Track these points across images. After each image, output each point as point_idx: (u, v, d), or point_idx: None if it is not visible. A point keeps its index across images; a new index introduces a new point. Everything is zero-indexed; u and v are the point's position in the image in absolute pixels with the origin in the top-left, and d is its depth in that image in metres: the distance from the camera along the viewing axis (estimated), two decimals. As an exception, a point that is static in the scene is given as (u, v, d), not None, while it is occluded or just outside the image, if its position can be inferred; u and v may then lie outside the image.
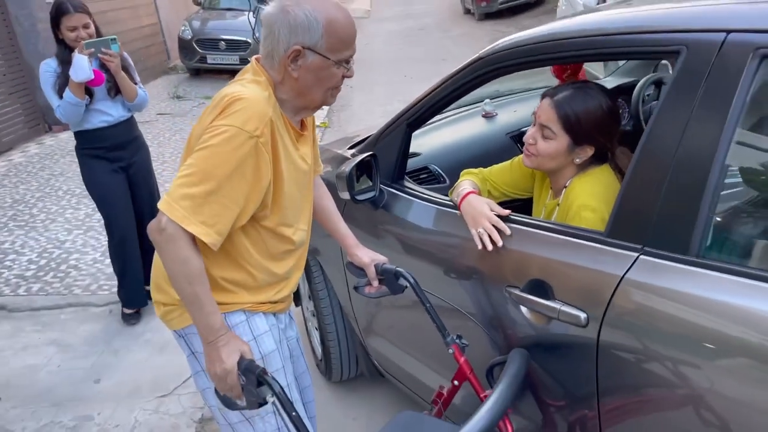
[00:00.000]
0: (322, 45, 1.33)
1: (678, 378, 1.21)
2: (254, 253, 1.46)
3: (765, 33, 1.13)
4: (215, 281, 1.42)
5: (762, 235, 1.22)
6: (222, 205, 1.30)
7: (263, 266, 1.48)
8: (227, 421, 1.56)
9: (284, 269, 1.52)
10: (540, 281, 1.44)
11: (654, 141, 1.26)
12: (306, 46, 1.33)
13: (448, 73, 1.81)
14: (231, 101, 1.31)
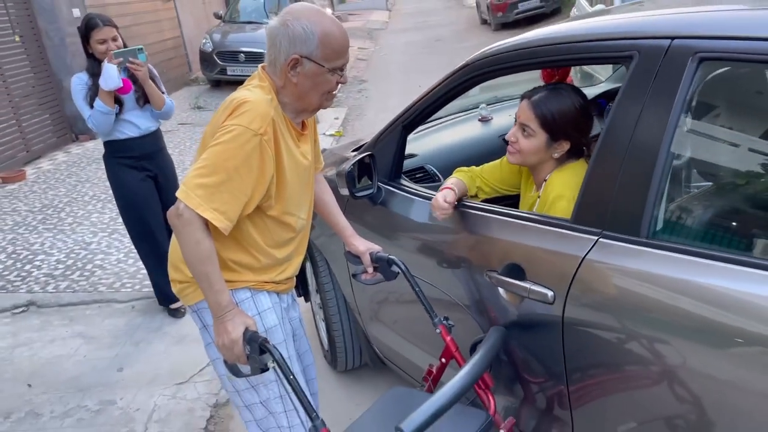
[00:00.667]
0: (318, 54, 1.51)
1: (633, 347, 1.35)
2: (259, 240, 1.63)
3: (703, 39, 1.28)
4: (224, 262, 1.59)
5: (702, 217, 1.36)
6: (232, 194, 1.48)
7: (266, 251, 1.65)
8: (235, 388, 1.73)
9: (285, 254, 1.70)
10: (515, 265, 1.59)
11: (611, 136, 1.42)
12: (303, 55, 1.51)
13: (439, 79, 1.98)
14: (238, 104, 1.50)
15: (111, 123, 3.04)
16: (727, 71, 1.37)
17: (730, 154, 1.42)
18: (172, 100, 3.26)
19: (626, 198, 1.38)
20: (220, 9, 13.03)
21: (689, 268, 1.25)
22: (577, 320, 1.46)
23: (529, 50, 1.67)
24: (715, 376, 1.20)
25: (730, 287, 1.18)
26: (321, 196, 1.91)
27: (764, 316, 1.13)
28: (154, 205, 3.33)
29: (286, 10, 1.56)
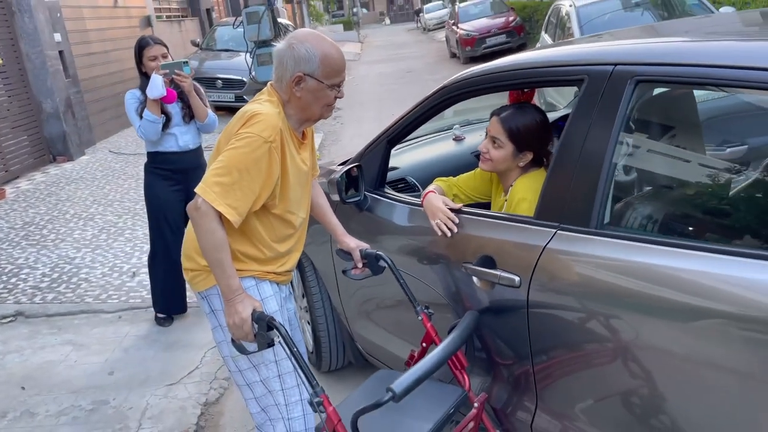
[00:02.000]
0: (319, 73, 1.77)
1: (587, 324, 1.61)
2: (264, 234, 1.86)
3: (639, 65, 1.57)
4: (233, 253, 1.81)
5: (640, 211, 1.65)
6: (243, 192, 1.71)
7: (270, 245, 1.88)
8: (238, 368, 1.93)
9: (286, 248, 1.93)
10: (487, 256, 1.85)
11: (565, 147, 1.70)
12: (306, 73, 1.77)
13: (419, 100, 2.25)
14: (252, 115, 1.74)
15: (158, 132, 3.25)
16: (660, 92, 1.66)
17: (661, 161, 1.71)
18: (216, 114, 3.47)
19: (578, 197, 1.65)
20: (197, 37, 13.29)
21: (630, 251, 1.52)
22: (539, 302, 1.71)
23: (497, 74, 1.96)
24: (657, 344, 1.46)
25: (663, 264, 1.44)
26: (316, 199, 2.15)
27: (689, 287, 1.39)
28: (176, 218, 3.45)
29: (292, 35, 1.82)
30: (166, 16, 13.43)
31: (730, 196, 1.59)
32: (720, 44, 1.55)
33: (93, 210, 5.90)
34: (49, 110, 7.83)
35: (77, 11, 9.06)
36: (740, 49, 1.47)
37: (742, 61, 1.39)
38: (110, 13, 10.22)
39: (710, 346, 1.35)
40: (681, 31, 1.82)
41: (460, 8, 17.93)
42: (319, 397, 1.64)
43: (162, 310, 3.63)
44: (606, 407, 1.65)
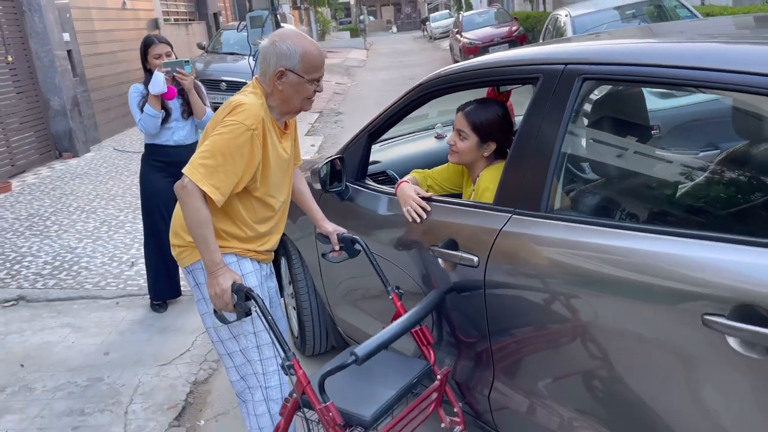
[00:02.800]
0: (299, 68, 1.93)
1: (537, 300, 1.77)
2: (245, 215, 2.02)
3: (585, 65, 1.73)
4: (217, 231, 1.97)
5: (584, 196, 1.80)
6: (226, 174, 1.87)
7: (251, 225, 2.04)
8: (219, 338, 2.09)
9: (266, 229, 2.09)
10: (451, 239, 2.01)
11: (521, 139, 1.86)
12: (288, 68, 1.93)
13: (398, 96, 2.42)
14: (236, 105, 1.91)
15: (157, 126, 3.44)
16: (607, 89, 1.82)
17: (605, 152, 1.87)
18: (213, 112, 3.64)
19: (531, 185, 1.81)
20: (204, 40, 13.52)
21: (575, 232, 1.67)
22: (495, 281, 1.87)
23: (467, 73, 2.12)
24: (598, 316, 1.60)
25: (604, 243, 1.59)
26: (298, 186, 2.32)
27: (624, 263, 1.54)
28: (168, 207, 3.57)
29: (275, 33, 1.99)
30: (174, 19, 13.68)
31: (664, 183, 1.74)
32: (659, 46, 1.71)
33: (96, 204, 6.08)
34: (57, 107, 8.03)
35: (86, 12, 9.29)
36: (675, 50, 1.63)
37: (674, 61, 1.54)
38: (118, 15, 10.45)
39: (639, 316, 1.50)
40: (635, 35, 1.98)
41: (465, 17, 18.13)
42: (290, 361, 1.80)
43: (156, 295, 3.79)
44: (555, 378, 1.80)
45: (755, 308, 1.24)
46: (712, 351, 1.32)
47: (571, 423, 1.74)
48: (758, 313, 1.24)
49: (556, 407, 1.79)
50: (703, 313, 1.32)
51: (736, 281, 1.29)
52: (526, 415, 1.89)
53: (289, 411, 1.89)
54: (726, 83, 1.39)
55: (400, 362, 2.10)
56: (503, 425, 2.04)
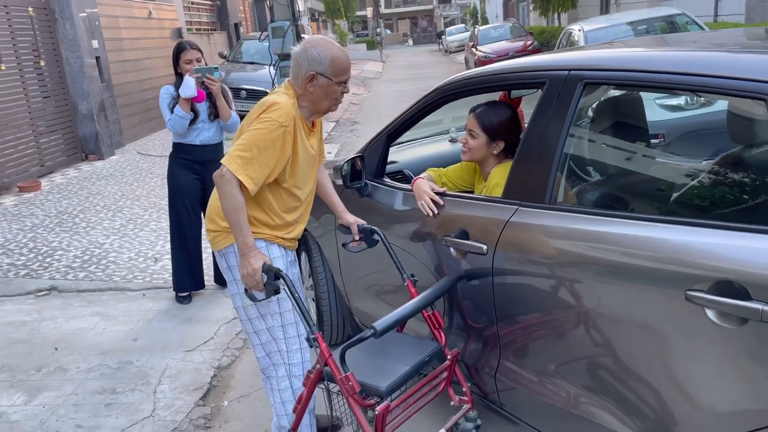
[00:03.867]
0: (329, 71, 2.13)
1: (541, 283, 1.94)
2: (275, 204, 2.22)
3: (586, 71, 1.91)
4: (249, 218, 2.16)
5: (584, 189, 1.98)
6: (260, 166, 2.07)
7: (279, 214, 2.23)
8: (248, 317, 2.28)
9: (293, 218, 2.28)
10: (463, 230, 2.19)
11: (528, 138, 2.04)
12: (318, 72, 2.13)
13: (416, 100, 2.61)
14: (272, 104, 2.11)
15: (185, 127, 3.66)
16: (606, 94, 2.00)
17: (603, 150, 2.04)
18: (238, 116, 3.86)
19: (536, 180, 1.98)
20: (225, 50, 13.86)
21: (574, 221, 1.85)
22: (502, 267, 2.04)
23: (480, 78, 2.31)
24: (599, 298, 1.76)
25: (600, 230, 1.76)
26: (322, 181, 2.51)
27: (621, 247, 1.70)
28: (193, 203, 3.87)
29: (307, 40, 2.19)
30: (196, 29, 14.04)
31: (654, 178, 1.91)
32: (652, 54, 1.88)
33: (121, 203, 6.33)
34: (84, 111, 8.33)
35: (114, 21, 9.63)
36: (666, 57, 1.80)
37: (665, 67, 1.72)
38: (144, 24, 10.79)
39: (631, 294, 1.66)
40: (635, 45, 2.16)
41: (480, 31, 18.39)
42: (314, 335, 1.98)
43: (180, 287, 3.99)
44: (556, 357, 1.97)
45: (731, 284, 1.41)
46: (693, 323, 1.49)
47: (573, 397, 1.90)
48: (733, 288, 1.40)
49: (558, 384, 1.95)
50: (686, 290, 1.48)
51: (715, 260, 1.46)
52: (530, 392, 2.06)
53: (311, 382, 2.07)
54: (708, 87, 1.57)
55: (413, 343, 2.27)
56: (508, 403, 2.20)
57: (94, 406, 2.94)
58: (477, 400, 2.30)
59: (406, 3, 67.23)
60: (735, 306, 1.39)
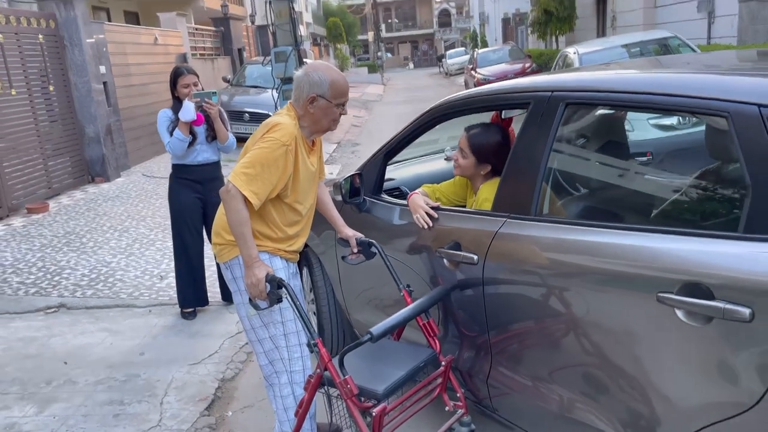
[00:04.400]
0: (328, 94, 2.28)
1: (527, 291, 2.06)
2: (277, 218, 2.35)
3: (568, 92, 2.06)
4: (253, 231, 2.29)
5: (566, 203, 2.10)
6: (263, 182, 2.20)
7: (281, 227, 2.36)
8: (251, 326, 2.39)
9: (294, 231, 2.41)
10: (456, 242, 2.31)
11: (514, 155, 2.18)
12: (318, 94, 2.28)
13: (412, 120, 2.75)
14: (275, 124, 2.26)
15: (184, 149, 3.80)
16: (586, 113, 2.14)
17: (583, 165, 2.17)
18: (235, 138, 4.02)
19: (522, 194, 2.11)
20: (228, 74, 14.13)
21: (558, 231, 1.97)
22: (492, 276, 2.16)
23: (470, 99, 2.46)
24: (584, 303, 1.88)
25: (580, 239, 1.88)
26: (322, 197, 2.65)
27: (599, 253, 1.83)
28: (195, 221, 4.00)
29: (308, 65, 2.35)
30: (200, 54, 14.33)
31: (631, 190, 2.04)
32: (624, 76, 2.03)
33: (127, 224, 6.47)
34: (91, 135, 8.52)
35: (121, 47, 9.88)
36: (636, 79, 1.95)
37: (639, 88, 1.86)
38: (150, 50, 11.05)
39: (609, 298, 1.78)
40: (616, 68, 2.31)
41: (479, 54, 18.67)
42: (315, 340, 2.10)
43: (184, 303, 4.11)
44: (542, 362, 2.08)
45: (698, 285, 1.53)
46: (665, 323, 1.60)
47: (561, 400, 2.00)
48: (700, 289, 1.52)
49: (547, 388, 2.06)
50: (658, 292, 1.60)
51: (683, 265, 1.58)
52: (520, 397, 2.17)
53: (312, 386, 2.18)
54: (678, 105, 1.71)
55: (409, 350, 2.38)
56: (501, 408, 2.31)
57: (102, 417, 3.04)
58: (471, 406, 2.40)
59: (407, 27, 68.17)
60: (701, 305, 1.51)
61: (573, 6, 19.56)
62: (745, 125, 1.53)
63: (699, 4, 11.32)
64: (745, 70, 1.93)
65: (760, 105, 1.51)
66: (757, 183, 1.49)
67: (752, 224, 1.49)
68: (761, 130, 1.50)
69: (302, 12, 34.42)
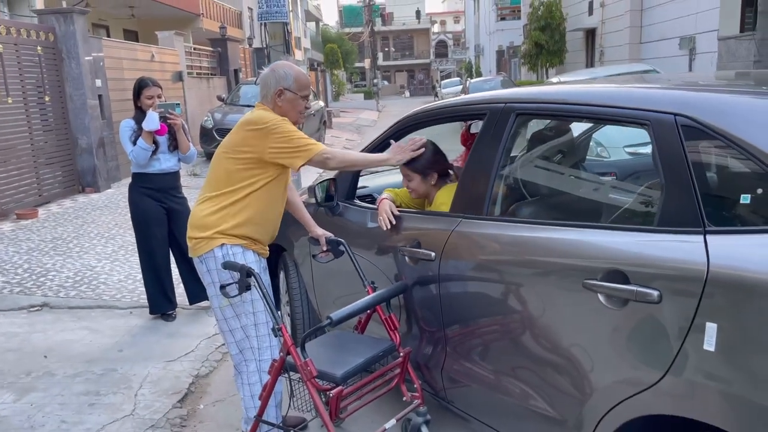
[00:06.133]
0: (294, 86, 2.47)
1: (478, 284, 2.23)
2: (256, 216, 2.50)
3: (518, 103, 2.25)
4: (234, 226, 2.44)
5: (515, 203, 2.29)
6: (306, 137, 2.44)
7: (259, 223, 2.52)
8: (224, 316, 2.54)
9: (268, 223, 2.56)
10: (416, 240, 2.49)
11: (471, 160, 2.37)
12: (285, 87, 2.47)
13: (385, 129, 2.95)
14: (260, 116, 2.44)
15: (147, 158, 3.95)
16: (535, 123, 2.34)
17: (531, 169, 2.36)
18: (195, 149, 4.19)
19: (476, 196, 2.30)
20: (224, 93, 14.39)
21: (505, 228, 2.15)
22: (446, 273, 2.33)
23: (438, 111, 2.66)
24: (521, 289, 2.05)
25: (523, 234, 2.06)
26: (293, 199, 2.82)
27: (544, 249, 2.00)
28: (159, 229, 4.14)
29: (273, 64, 2.56)
30: (197, 73, 14.60)
31: (569, 192, 2.23)
32: (568, 89, 2.23)
33: (114, 231, 6.61)
34: (84, 146, 8.69)
35: (118, 62, 10.11)
36: (579, 92, 2.15)
37: (576, 100, 2.06)
38: (147, 66, 11.29)
39: (544, 286, 1.95)
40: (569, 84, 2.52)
41: (471, 83, 19.11)
42: (279, 325, 2.25)
43: (154, 309, 4.24)
44: (492, 352, 2.24)
45: (618, 272, 1.71)
46: (589, 307, 1.77)
47: (507, 389, 2.15)
48: (619, 275, 1.70)
49: (497, 378, 2.21)
50: (584, 279, 1.78)
51: (606, 254, 1.76)
52: (472, 388, 2.31)
53: (276, 369, 2.33)
54: (607, 115, 1.91)
55: (370, 341, 2.53)
56: (455, 399, 2.45)
57: (78, 406, 3.15)
58: (428, 398, 2.54)
59: (404, 56, 69.22)
60: (618, 289, 1.68)
61: (563, 40, 20.12)
62: (663, 132, 1.72)
63: (680, 41, 11.73)
64: (678, 86, 2.13)
65: (676, 114, 1.71)
66: (670, 182, 1.68)
67: (664, 218, 1.68)
68: (675, 137, 1.69)
69: (301, 37, 34.99)
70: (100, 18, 15.38)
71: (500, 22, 32.80)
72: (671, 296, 1.58)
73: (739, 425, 1.48)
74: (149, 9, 15.63)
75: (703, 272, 1.52)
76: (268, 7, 18.40)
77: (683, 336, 1.56)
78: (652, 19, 14.71)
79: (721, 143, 1.64)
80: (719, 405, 1.52)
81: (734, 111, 1.67)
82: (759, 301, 1.43)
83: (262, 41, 8.62)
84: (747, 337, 1.46)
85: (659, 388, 1.61)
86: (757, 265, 1.46)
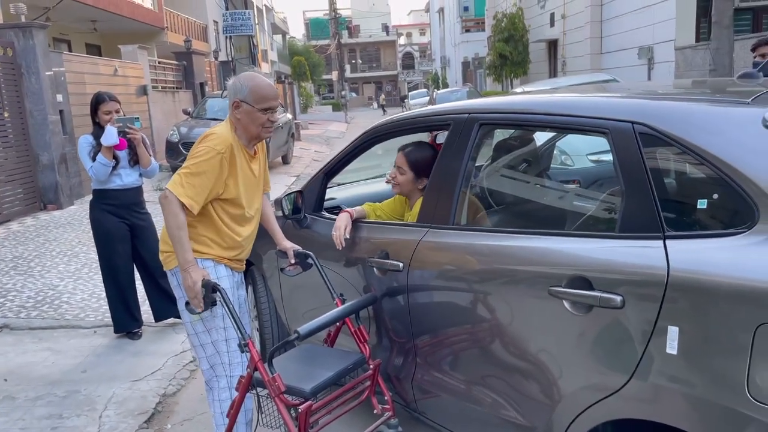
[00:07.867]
0: (249, 98, 2.43)
1: (446, 292, 2.23)
2: (226, 222, 2.46)
3: (481, 113, 2.28)
4: (202, 238, 2.41)
5: (479, 212, 2.31)
6: (199, 188, 2.34)
7: (228, 233, 2.48)
8: (195, 331, 2.49)
9: (242, 237, 2.53)
10: (384, 251, 2.48)
11: (437, 170, 2.38)
12: (240, 99, 2.43)
13: (349, 143, 2.95)
14: (208, 134, 2.41)
15: (107, 173, 3.87)
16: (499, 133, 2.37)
17: (496, 178, 2.39)
18: (157, 163, 4.13)
19: (442, 206, 2.31)
20: (190, 107, 14.24)
21: (470, 237, 2.17)
22: (415, 283, 2.33)
23: (402, 122, 2.67)
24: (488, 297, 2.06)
25: (489, 243, 2.08)
26: (265, 210, 2.78)
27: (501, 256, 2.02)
28: (123, 247, 4.05)
29: (236, 76, 2.52)
30: (162, 87, 14.42)
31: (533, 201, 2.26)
32: (529, 99, 2.26)
33: (77, 249, 6.45)
34: (45, 162, 8.49)
35: (79, 76, 9.92)
36: (539, 101, 2.19)
37: (536, 109, 2.10)
38: (109, 80, 11.10)
39: (510, 293, 1.97)
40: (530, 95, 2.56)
41: (438, 94, 19.31)
42: (246, 341, 2.21)
43: (118, 327, 4.15)
44: (461, 362, 2.24)
45: (582, 278, 1.73)
46: (555, 314, 1.79)
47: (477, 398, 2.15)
48: (583, 282, 1.72)
49: (466, 387, 2.21)
50: (549, 286, 1.80)
51: (570, 261, 1.78)
52: (442, 398, 2.31)
53: (243, 385, 2.29)
54: (567, 124, 1.94)
55: (339, 354, 2.51)
56: (426, 410, 2.45)
57: (40, 430, 3.06)
58: (399, 409, 2.53)
59: (372, 68, 69.57)
60: (582, 296, 1.71)
61: (526, 51, 20.49)
62: (621, 140, 1.76)
63: (639, 51, 12.04)
64: (636, 94, 2.18)
65: (633, 122, 1.75)
66: (629, 189, 1.71)
67: (625, 225, 1.71)
68: (633, 144, 1.73)
69: (267, 50, 34.87)
70: (61, 32, 15.10)
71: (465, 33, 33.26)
72: (634, 301, 1.61)
73: (702, 427, 1.50)
74: (112, 23, 15.42)
75: (664, 276, 1.55)
76: (234, 21, 18.32)
77: (646, 340, 1.58)
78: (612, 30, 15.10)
79: (678, 150, 1.68)
80: (683, 407, 1.54)
81: (690, 119, 1.72)
82: (718, 303, 1.46)
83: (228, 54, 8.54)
84: (708, 339, 1.49)
85: (625, 392, 1.63)
86: (715, 268, 1.49)
